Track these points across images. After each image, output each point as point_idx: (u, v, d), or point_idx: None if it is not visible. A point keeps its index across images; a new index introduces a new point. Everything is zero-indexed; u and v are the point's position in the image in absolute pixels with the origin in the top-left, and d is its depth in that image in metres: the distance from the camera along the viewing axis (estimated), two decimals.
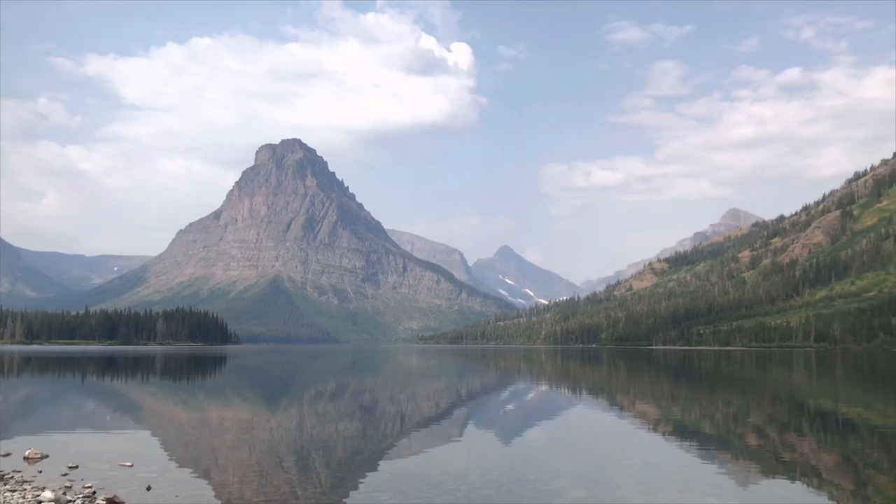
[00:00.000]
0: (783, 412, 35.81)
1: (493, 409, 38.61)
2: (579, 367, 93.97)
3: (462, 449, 23.75)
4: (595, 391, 51.72)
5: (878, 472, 19.45)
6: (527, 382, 62.95)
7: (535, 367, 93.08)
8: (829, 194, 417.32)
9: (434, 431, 28.27)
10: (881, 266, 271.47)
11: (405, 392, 49.83)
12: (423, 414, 35.39)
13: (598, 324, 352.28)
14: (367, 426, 29.71)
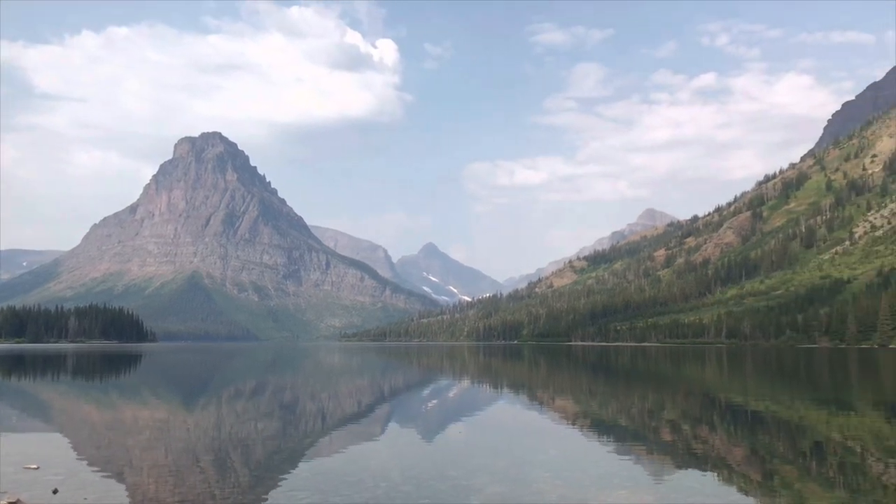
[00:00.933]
0: (696, 407, 37.00)
1: (415, 407, 38.67)
2: (501, 364, 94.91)
3: (383, 446, 23.73)
4: (516, 387, 52.36)
5: (784, 463, 20.31)
6: (449, 379, 63.28)
7: (457, 364, 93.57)
8: (741, 196, 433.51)
9: (355, 429, 28.15)
10: (788, 265, 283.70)
11: (326, 390, 49.41)
12: (344, 412, 35.17)
13: (519, 320, 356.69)
14: (287, 425, 29.36)
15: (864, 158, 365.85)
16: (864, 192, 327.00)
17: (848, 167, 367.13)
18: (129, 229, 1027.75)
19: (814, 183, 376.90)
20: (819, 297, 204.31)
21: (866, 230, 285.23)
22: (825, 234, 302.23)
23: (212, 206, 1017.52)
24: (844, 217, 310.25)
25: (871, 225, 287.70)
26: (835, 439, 24.48)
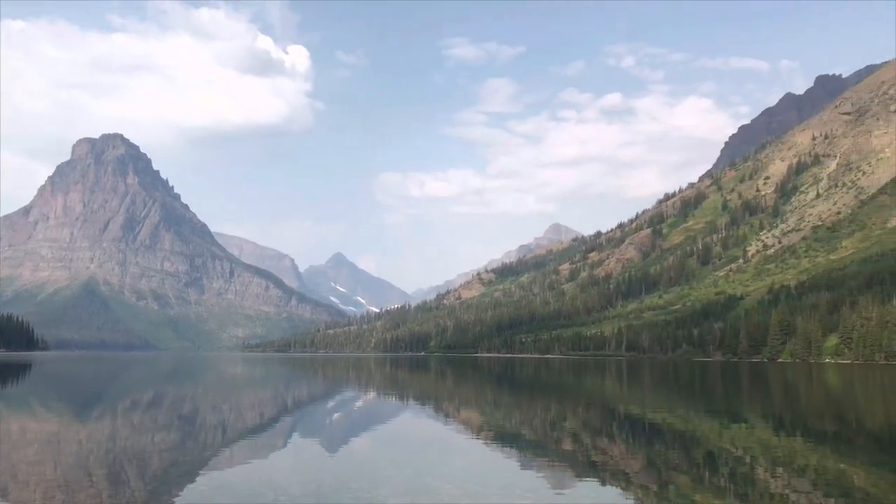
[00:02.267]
0: (596, 418, 37.82)
1: (319, 419, 38.13)
2: (407, 375, 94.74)
3: (285, 459, 23.27)
4: (422, 399, 52.33)
5: (679, 473, 20.95)
6: (354, 391, 62.70)
7: (363, 376, 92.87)
8: (642, 213, 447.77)
9: (256, 442, 27.51)
10: (685, 281, 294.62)
11: (227, 402, 48.15)
12: (245, 424, 34.33)
13: (427, 332, 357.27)
14: (186, 437, 28.44)
15: (758, 180, 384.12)
16: (758, 213, 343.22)
17: (743, 188, 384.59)
18: (22, 232, 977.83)
19: (711, 203, 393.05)
20: (714, 313, 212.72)
21: (758, 249, 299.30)
22: (720, 251, 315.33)
23: (111, 211, 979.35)
24: (739, 236, 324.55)
25: (763, 244, 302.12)
26: (727, 449, 25.42)
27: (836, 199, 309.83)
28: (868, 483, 19.45)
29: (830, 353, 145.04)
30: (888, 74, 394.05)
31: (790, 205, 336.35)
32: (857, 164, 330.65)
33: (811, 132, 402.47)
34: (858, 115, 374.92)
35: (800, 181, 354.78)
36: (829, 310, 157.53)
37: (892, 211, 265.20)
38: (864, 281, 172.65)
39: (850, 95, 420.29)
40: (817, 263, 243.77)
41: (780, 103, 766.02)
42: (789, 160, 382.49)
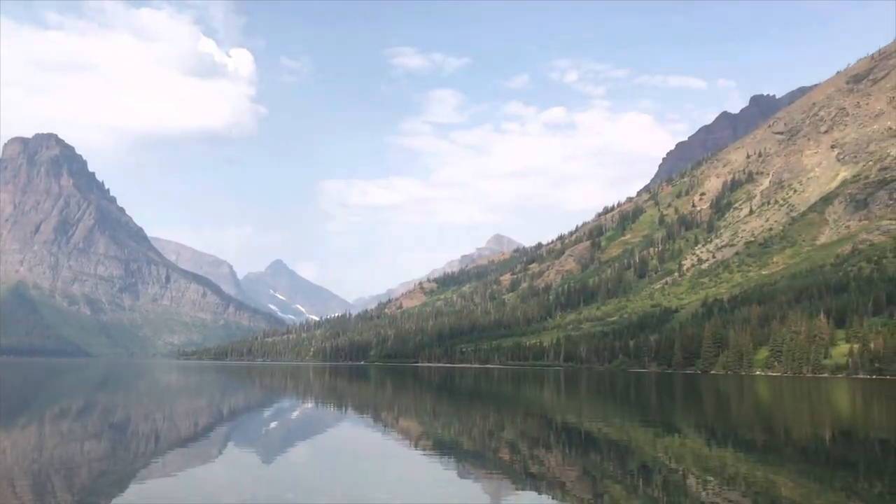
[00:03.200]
0: (534, 427, 38.12)
1: (255, 428, 37.56)
2: (346, 384, 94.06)
3: (219, 469, 22.85)
4: (360, 408, 52.00)
5: (614, 483, 21.25)
6: (292, 400, 61.97)
7: (301, 385, 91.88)
8: (582, 226, 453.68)
9: (191, 451, 26.93)
10: (623, 293, 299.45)
11: (160, 410, 47.07)
12: (179, 433, 33.59)
13: (367, 341, 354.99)
14: (117, 446, 27.70)
15: (694, 196, 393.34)
16: (693, 228, 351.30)
17: (679, 203, 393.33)
18: None
19: (648, 217, 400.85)
20: (649, 325, 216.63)
21: (693, 263, 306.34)
22: (657, 265, 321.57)
23: (43, 212, 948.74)
24: (674, 250, 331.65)
25: (698, 258, 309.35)
26: (660, 459, 25.89)
27: (769, 215, 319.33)
28: (794, 492, 20.03)
29: (761, 366, 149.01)
30: (819, 96, 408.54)
31: (724, 220, 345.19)
32: (788, 183, 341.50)
33: (745, 150, 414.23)
34: (790, 135, 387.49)
35: (734, 198, 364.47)
36: (760, 323, 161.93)
37: (821, 228, 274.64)
38: (793, 296, 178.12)
39: (783, 115, 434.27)
40: (749, 278, 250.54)
41: (716, 121, 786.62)
42: (724, 177, 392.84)
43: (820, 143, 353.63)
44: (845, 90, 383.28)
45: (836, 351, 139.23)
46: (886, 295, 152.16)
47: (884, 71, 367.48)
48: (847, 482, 21.67)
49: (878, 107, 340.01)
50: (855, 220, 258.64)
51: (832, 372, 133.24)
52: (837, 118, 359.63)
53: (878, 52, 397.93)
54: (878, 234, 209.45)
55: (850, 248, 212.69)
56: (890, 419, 46.76)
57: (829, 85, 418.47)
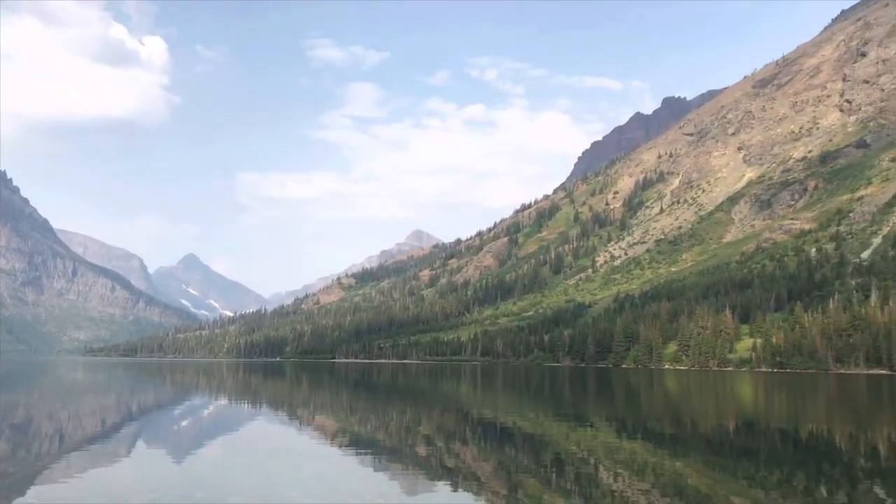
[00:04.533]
0: (450, 422, 38.30)
1: (166, 426, 36.51)
2: (261, 381, 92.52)
3: (127, 469, 22.11)
4: (275, 405, 51.22)
5: (528, 476, 21.54)
6: (204, 397, 60.55)
7: (214, 382, 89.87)
8: (500, 222, 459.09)
9: (96, 451, 25.96)
10: (538, 289, 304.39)
11: (65, 409, 45.25)
12: (85, 432, 32.36)
13: (283, 337, 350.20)
14: (17, 447, 26.47)
15: (608, 194, 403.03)
16: (606, 225, 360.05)
17: (593, 201, 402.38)
18: None
19: (564, 214, 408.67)
20: (564, 320, 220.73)
21: (606, 259, 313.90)
22: (571, 261, 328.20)
23: None
24: (588, 247, 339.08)
25: (611, 255, 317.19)
26: (573, 452, 26.39)
27: (678, 214, 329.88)
28: (700, 482, 20.73)
29: (670, 360, 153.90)
30: (727, 99, 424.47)
31: (636, 218, 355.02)
32: (697, 183, 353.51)
33: (657, 150, 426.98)
34: (700, 137, 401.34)
35: (645, 196, 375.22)
36: (670, 318, 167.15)
37: (728, 227, 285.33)
38: (701, 292, 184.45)
39: (693, 117, 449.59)
40: (659, 274, 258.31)
41: (629, 122, 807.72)
42: (637, 176, 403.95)
43: (727, 144, 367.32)
44: (752, 94, 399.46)
45: (740, 345, 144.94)
46: (788, 291, 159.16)
47: (788, 77, 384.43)
48: (749, 471, 22.56)
49: (782, 111, 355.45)
50: (759, 220, 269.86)
51: (737, 366, 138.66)
52: (744, 121, 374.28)
53: (783, 59, 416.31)
54: (781, 232, 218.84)
55: (755, 247, 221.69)
56: (789, 410, 48.97)
57: (736, 89, 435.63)
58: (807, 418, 42.16)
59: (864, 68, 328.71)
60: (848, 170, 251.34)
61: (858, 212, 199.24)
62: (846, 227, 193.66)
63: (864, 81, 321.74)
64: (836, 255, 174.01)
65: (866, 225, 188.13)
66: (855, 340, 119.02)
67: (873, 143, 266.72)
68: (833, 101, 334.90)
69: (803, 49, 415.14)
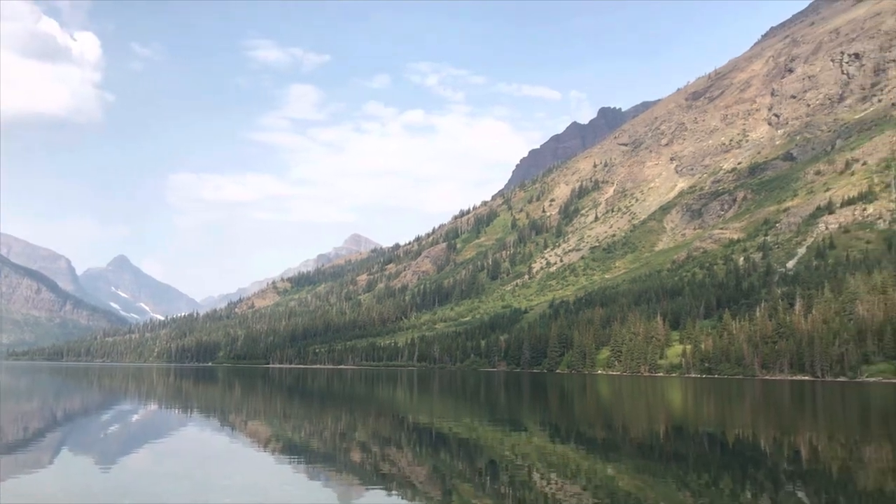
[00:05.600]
0: (386, 428, 38.19)
1: (93, 432, 35.47)
2: (192, 386, 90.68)
3: (51, 476, 21.39)
4: (207, 411, 50.27)
5: (462, 481, 21.63)
6: (133, 403, 59.01)
7: (144, 387, 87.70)
8: (438, 228, 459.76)
9: (19, 458, 25.05)
10: (476, 294, 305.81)
11: None
12: (6, 439, 31.17)
13: (216, 341, 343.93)
14: None
15: (544, 202, 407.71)
16: (543, 232, 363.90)
17: (531, 209, 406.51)
18: None
19: (501, 220, 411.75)
20: (500, 325, 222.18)
21: (542, 266, 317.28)
22: (509, 267, 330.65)
23: None
24: (525, 253, 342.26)
25: (547, 262, 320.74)
26: (507, 457, 26.60)
27: (612, 222, 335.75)
28: (631, 485, 21.13)
29: (603, 365, 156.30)
30: (661, 111, 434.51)
31: (572, 226, 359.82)
32: (631, 192, 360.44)
33: (593, 160, 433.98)
34: (634, 147, 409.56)
35: (581, 204, 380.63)
36: (603, 324, 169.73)
37: (660, 236, 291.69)
38: (633, 299, 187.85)
39: (628, 128, 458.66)
40: (594, 281, 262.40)
41: (566, 131, 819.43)
42: (573, 184, 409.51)
43: (661, 155, 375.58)
44: (684, 106, 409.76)
45: (670, 351, 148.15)
46: (717, 299, 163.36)
47: (719, 90, 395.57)
48: (678, 474, 23.10)
49: (713, 123, 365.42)
50: (690, 229, 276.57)
51: (667, 371, 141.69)
52: (677, 132, 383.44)
53: (715, 72, 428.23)
54: (710, 242, 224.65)
55: (685, 255, 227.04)
56: (717, 415, 50.29)
57: (669, 101, 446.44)
58: (733, 423, 43.35)
59: (791, 84, 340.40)
60: (775, 182, 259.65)
61: (784, 223, 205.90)
62: (773, 237, 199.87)
63: (791, 96, 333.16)
64: (762, 265, 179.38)
65: (792, 235, 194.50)
66: (780, 347, 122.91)
67: (799, 157, 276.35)
68: (762, 114, 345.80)
69: (734, 63, 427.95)
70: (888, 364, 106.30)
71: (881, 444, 31.95)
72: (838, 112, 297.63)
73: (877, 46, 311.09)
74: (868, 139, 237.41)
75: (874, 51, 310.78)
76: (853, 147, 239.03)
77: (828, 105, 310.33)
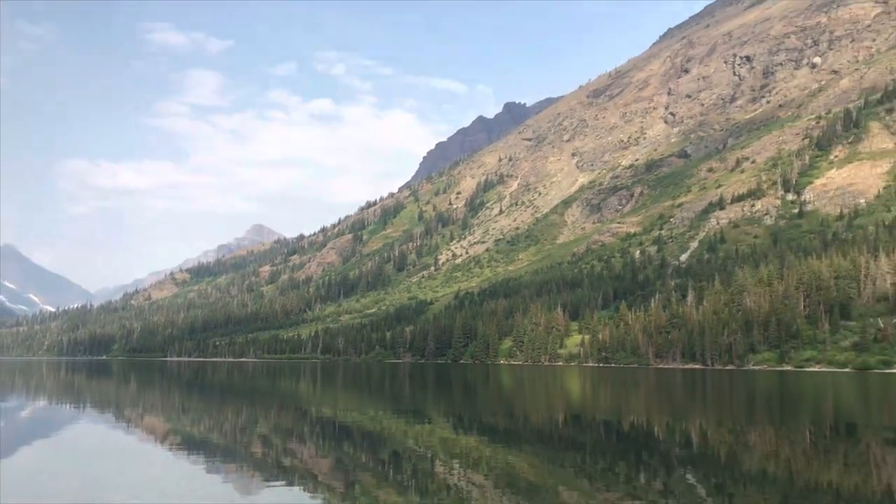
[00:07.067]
0: (288, 421, 37.75)
1: None
2: (85, 381, 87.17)
3: None
4: (100, 405, 48.42)
5: (365, 472, 21.63)
6: (21, 398, 56.20)
7: (32, 381, 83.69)
8: (345, 219, 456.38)
9: None
10: (382, 286, 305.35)
11: None
12: None
13: (111, 334, 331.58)
14: None
15: (451, 194, 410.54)
16: (449, 224, 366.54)
17: (437, 201, 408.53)
18: None
19: (408, 212, 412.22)
20: (406, 317, 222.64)
21: (448, 258, 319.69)
22: (415, 259, 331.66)
23: None
24: (432, 245, 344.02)
25: (453, 254, 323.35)
26: (411, 447, 26.76)
27: (516, 215, 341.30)
28: (530, 473, 21.63)
29: (505, 355, 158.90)
30: (563, 107, 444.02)
31: (477, 218, 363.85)
32: (534, 186, 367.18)
33: (498, 153, 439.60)
34: (538, 142, 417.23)
35: (486, 198, 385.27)
36: (506, 315, 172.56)
37: (561, 229, 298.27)
38: (535, 290, 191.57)
39: (532, 123, 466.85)
40: (498, 273, 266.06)
41: (473, 124, 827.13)
42: (478, 178, 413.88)
43: (563, 150, 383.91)
44: (586, 103, 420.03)
45: (570, 341, 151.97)
46: (614, 291, 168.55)
47: (619, 88, 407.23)
48: (576, 462, 23.78)
49: (613, 120, 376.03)
50: (590, 223, 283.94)
51: (566, 360, 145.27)
52: (578, 129, 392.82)
53: (615, 71, 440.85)
54: (609, 235, 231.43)
55: (585, 248, 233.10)
56: (613, 403, 51.94)
57: (572, 98, 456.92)
58: (629, 410, 44.89)
59: (686, 84, 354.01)
60: (670, 178, 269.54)
61: (678, 217, 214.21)
62: (667, 231, 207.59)
63: (686, 96, 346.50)
64: (657, 258, 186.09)
65: (685, 230, 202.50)
66: (673, 337, 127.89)
67: (693, 154, 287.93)
68: (659, 113, 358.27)
69: (633, 63, 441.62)
70: (772, 353, 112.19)
71: (765, 428, 33.75)
72: (730, 112, 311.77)
73: (766, 50, 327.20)
74: (757, 138, 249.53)
75: (763, 54, 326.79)
76: (743, 146, 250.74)
77: (720, 105, 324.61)
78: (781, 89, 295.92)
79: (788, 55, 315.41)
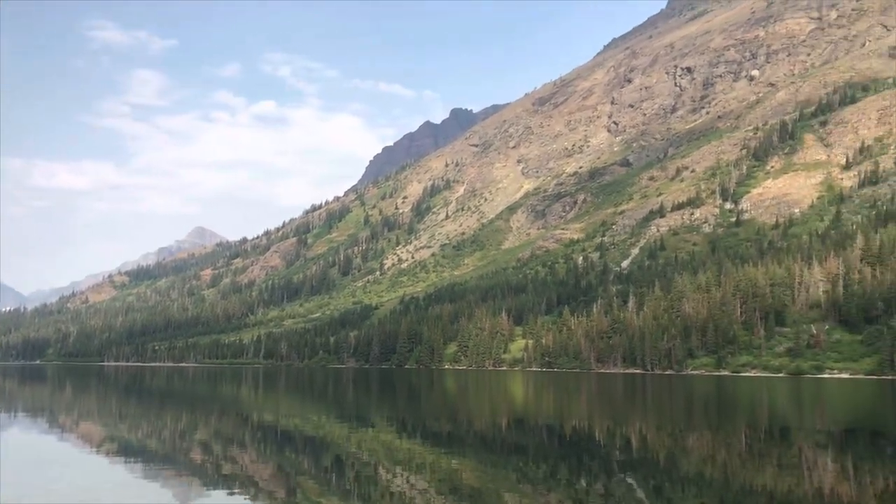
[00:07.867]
0: (229, 427, 37.22)
1: None
2: (17, 386, 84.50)
3: None
4: (33, 412, 47.00)
5: (308, 478, 21.49)
6: None
7: None
8: (289, 222, 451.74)
9: None
10: (326, 290, 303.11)
11: None
12: None
13: (45, 338, 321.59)
14: None
15: (398, 199, 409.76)
16: (395, 229, 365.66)
17: (384, 205, 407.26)
18: None
19: (354, 216, 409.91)
20: (351, 322, 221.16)
21: (394, 262, 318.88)
22: (360, 263, 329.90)
23: None
24: (377, 249, 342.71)
25: (399, 258, 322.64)
26: (354, 453, 26.66)
27: (462, 220, 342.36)
28: (474, 477, 21.75)
29: (450, 360, 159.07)
30: (509, 115, 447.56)
31: (423, 223, 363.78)
32: (480, 192, 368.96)
33: (445, 159, 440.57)
34: (484, 148, 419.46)
35: (433, 203, 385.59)
36: (451, 320, 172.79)
37: (506, 235, 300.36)
38: (480, 295, 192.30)
39: (479, 129, 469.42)
40: (443, 278, 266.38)
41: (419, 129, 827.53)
42: (425, 182, 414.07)
43: (509, 157, 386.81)
44: (531, 111, 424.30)
45: (514, 346, 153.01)
46: (557, 296, 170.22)
47: (564, 97, 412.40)
48: (518, 466, 24.00)
49: (558, 128, 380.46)
50: (534, 229, 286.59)
51: (510, 365, 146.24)
52: (524, 136, 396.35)
53: (560, 80, 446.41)
54: (553, 241, 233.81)
55: (529, 253, 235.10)
56: (555, 407, 52.53)
57: (518, 105, 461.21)
58: (571, 415, 45.47)
59: (629, 93, 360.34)
60: (613, 185, 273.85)
61: (620, 224, 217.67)
62: (609, 238, 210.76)
63: (629, 105, 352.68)
64: (600, 264, 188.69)
65: (626, 237, 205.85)
66: (614, 342, 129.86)
67: (635, 162, 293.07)
68: (602, 122, 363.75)
69: (578, 72, 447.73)
70: (709, 358, 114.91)
71: (702, 432, 34.56)
72: (671, 122, 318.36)
73: (706, 62, 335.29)
74: (696, 148, 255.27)
75: (704, 66, 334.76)
76: (683, 155, 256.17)
77: (662, 115, 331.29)
78: (721, 101, 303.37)
79: (728, 67, 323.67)
